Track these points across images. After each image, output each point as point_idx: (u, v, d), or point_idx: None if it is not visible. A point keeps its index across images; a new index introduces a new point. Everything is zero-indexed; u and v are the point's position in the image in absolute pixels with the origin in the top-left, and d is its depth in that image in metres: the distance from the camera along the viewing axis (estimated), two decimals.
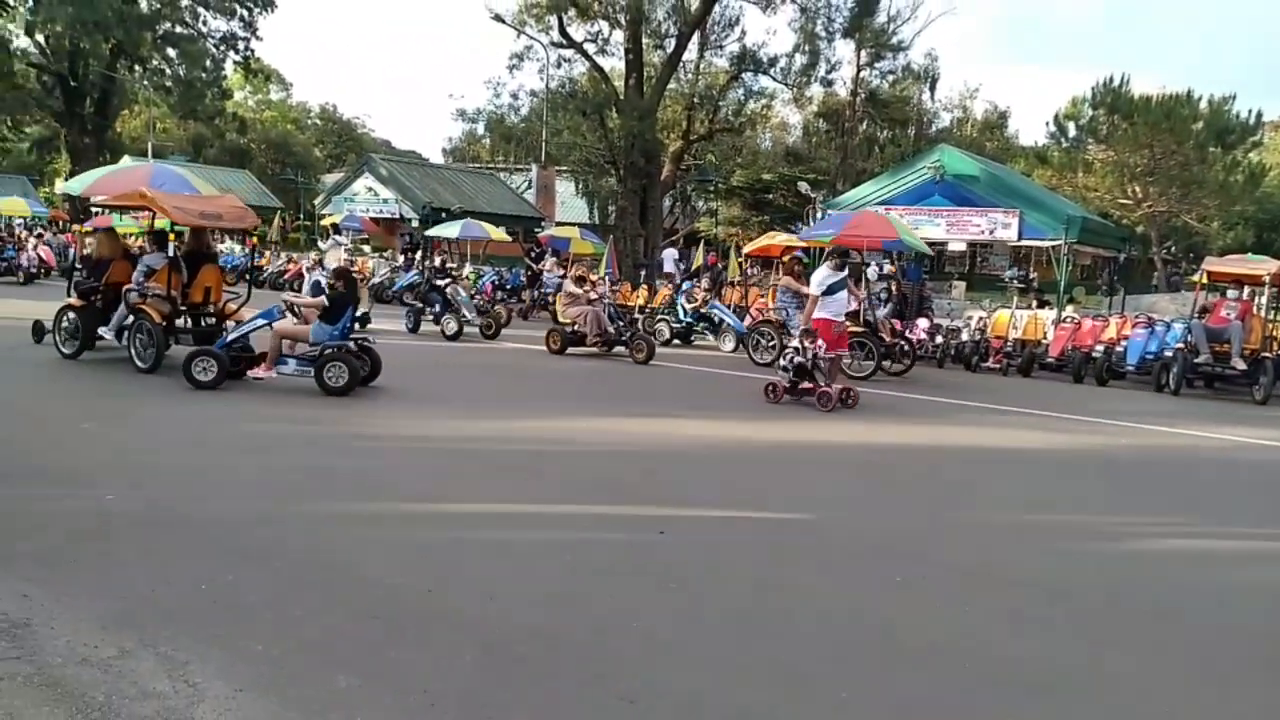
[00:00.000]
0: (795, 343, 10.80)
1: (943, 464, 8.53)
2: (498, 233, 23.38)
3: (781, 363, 10.96)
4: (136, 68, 40.96)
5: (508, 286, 24.51)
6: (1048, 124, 34.17)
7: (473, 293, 18.87)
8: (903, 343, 14.36)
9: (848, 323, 11.66)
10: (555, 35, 33.58)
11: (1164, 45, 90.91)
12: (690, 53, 34.90)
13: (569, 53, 34.37)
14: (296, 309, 10.41)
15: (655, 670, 3.81)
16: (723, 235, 43.12)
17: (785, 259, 16.09)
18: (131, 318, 10.34)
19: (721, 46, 35.67)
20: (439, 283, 16.63)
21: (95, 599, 4.12)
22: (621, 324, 15.06)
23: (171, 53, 40.25)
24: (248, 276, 14.03)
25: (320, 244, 24.65)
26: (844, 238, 13.78)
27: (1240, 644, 4.51)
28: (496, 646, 3.93)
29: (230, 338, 9.82)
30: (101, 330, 10.68)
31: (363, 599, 4.35)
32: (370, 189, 32.88)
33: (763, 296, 18.15)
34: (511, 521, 5.83)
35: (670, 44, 33.70)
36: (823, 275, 11.04)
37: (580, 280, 15.46)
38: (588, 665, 3.84)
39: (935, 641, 4.26)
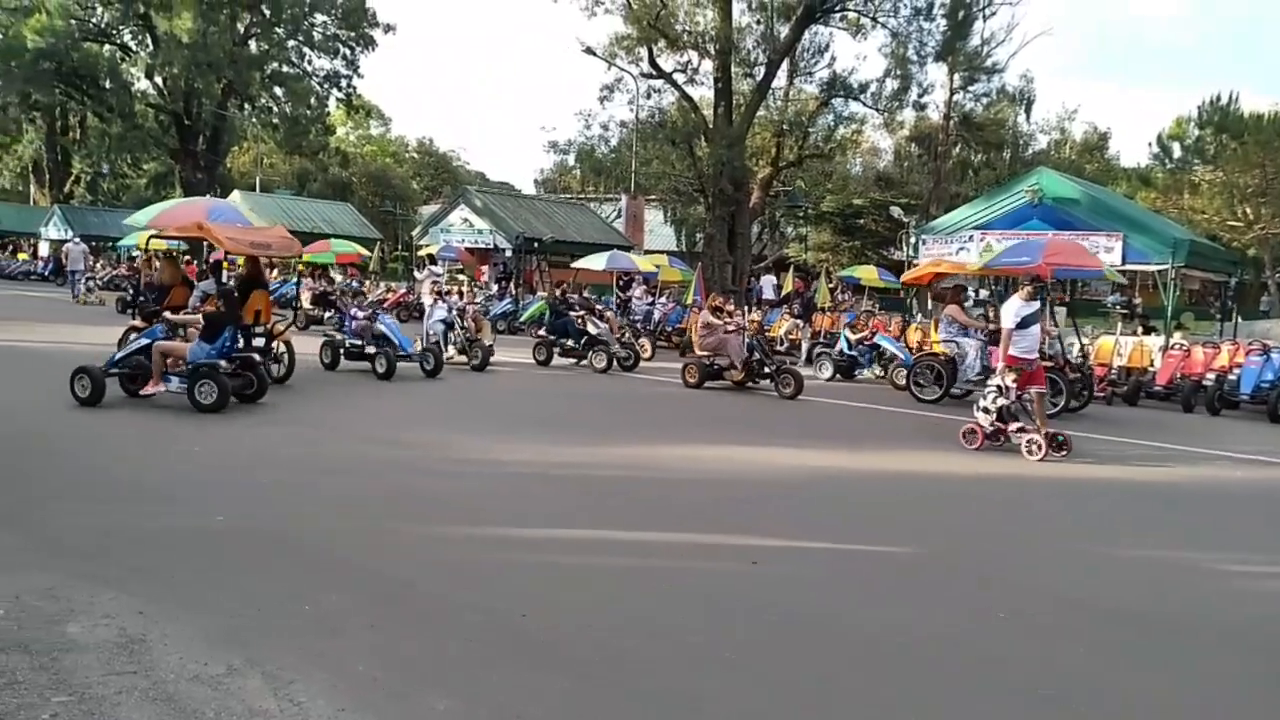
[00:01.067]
0: (997, 381, 9.84)
1: (1057, 496, 8.23)
2: (647, 263, 23.49)
3: (983, 403, 9.92)
4: (246, 106, 42.90)
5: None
6: (1150, 145, 33.22)
7: (621, 327, 18.44)
8: (1080, 377, 13.22)
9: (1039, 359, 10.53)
10: (645, 66, 33.92)
11: (1274, 62, 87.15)
12: (779, 80, 34.87)
13: (658, 83, 34.69)
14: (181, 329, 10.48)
15: (749, 704, 3.77)
16: (812, 261, 42.80)
17: (943, 287, 15.12)
18: None
19: (811, 73, 35.56)
20: (573, 315, 16.31)
21: (205, 616, 4.28)
22: (764, 355, 14.11)
23: (279, 91, 42.06)
24: (294, 305, 14.74)
25: (416, 274, 25.31)
26: (1046, 264, 12.43)
27: None
28: (591, 674, 3.95)
29: (117, 357, 10.07)
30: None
31: (459, 622, 4.43)
32: (465, 220, 33.63)
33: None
34: (614, 548, 5.84)
35: (759, 72, 33.70)
36: (1016, 306, 10.02)
37: (717, 310, 14.75)
38: (683, 695, 3.83)
39: (1043, 680, 4.12)
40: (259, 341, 11.25)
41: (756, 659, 4.21)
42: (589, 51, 33.92)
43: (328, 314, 21.20)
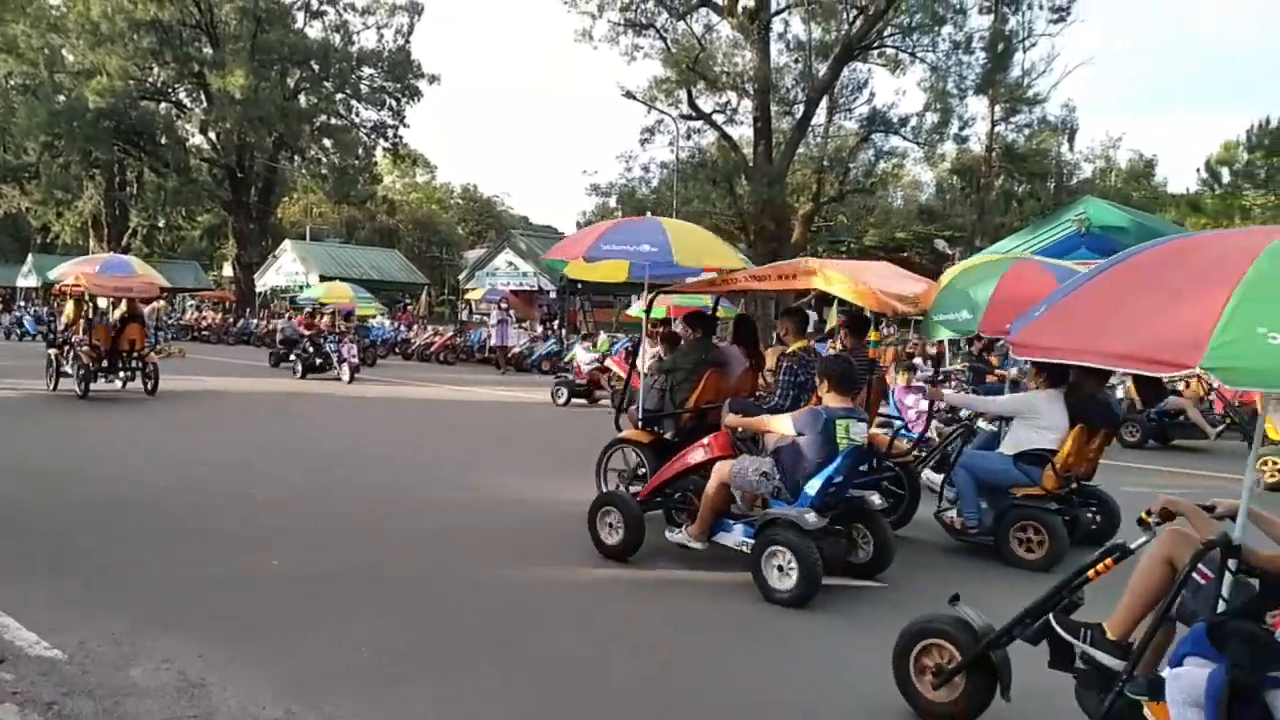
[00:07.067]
0: None
1: None
2: None
3: None
4: (296, 158, 43.95)
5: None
6: (1199, 170, 32.75)
7: None
8: None
9: None
10: (684, 108, 34.31)
11: None
12: (819, 117, 35.05)
13: (698, 123, 35.04)
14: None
15: None
16: None
17: None
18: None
19: (850, 109, 35.68)
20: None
21: (264, 660, 4.34)
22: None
23: (327, 143, 43.03)
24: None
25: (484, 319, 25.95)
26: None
27: None
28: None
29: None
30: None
31: (518, 663, 4.45)
32: (510, 263, 34.12)
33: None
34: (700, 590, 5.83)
35: (799, 110, 33.91)
36: None
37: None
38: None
39: None
40: (134, 364, 15.30)
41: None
42: (629, 95, 34.40)
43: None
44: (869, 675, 4.29)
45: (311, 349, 20.39)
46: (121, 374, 15.33)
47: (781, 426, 5.63)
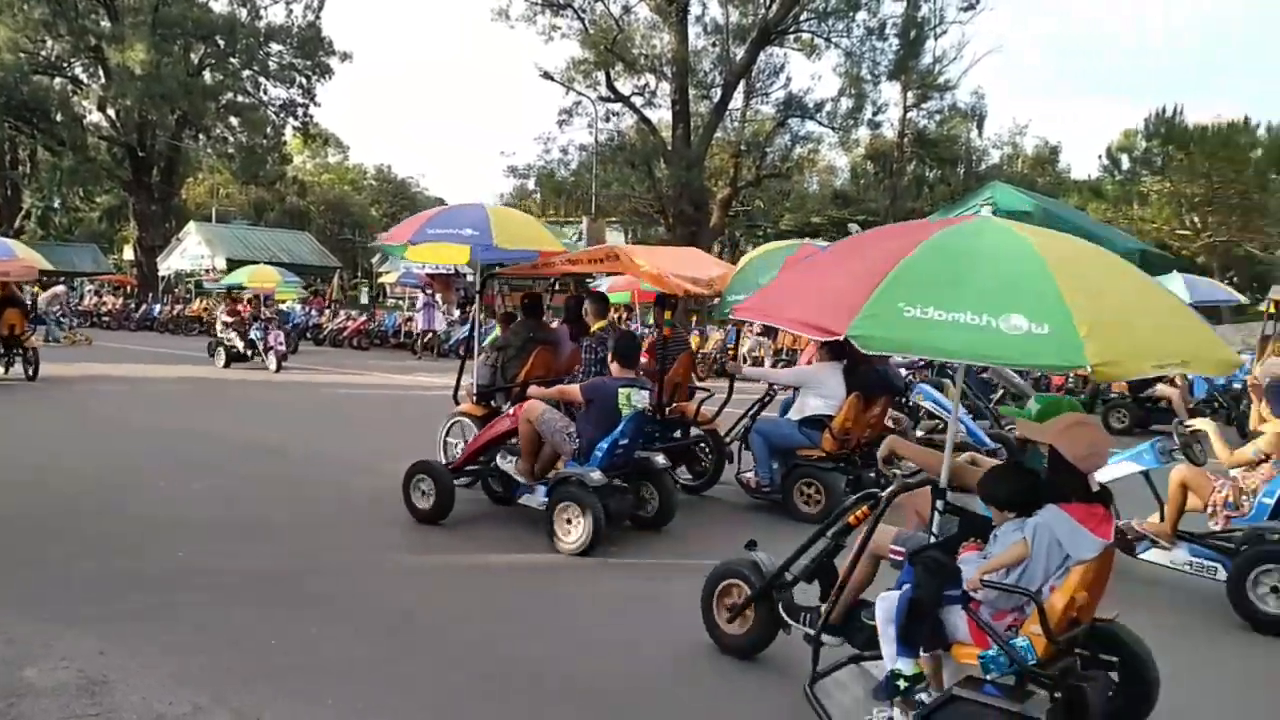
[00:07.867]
0: None
1: None
2: None
3: None
4: (201, 136, 42.38)
5: None
6: (1100, 157, 33.96)
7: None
8: None
9: None
10: (603, 90, 34.17)
11: (1216, 73, 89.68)
12: (736, 101, 35.25)
13: (617, 106, 34.94)
14: None
15: None
16: None
17: None
18: None
19: (767, 94, 36.00)
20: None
21: (170, 655, 4.21)
22: None
23: (234, 121, 41.59)
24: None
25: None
26: None
27: None
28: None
29: None
30: None
31: (428, 652, 4.40)
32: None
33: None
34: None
35: (716, 94, 34.06)
36: None
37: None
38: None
39: None
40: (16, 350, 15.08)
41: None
42: (547, 76, 34.12)
43: None
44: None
45: (236, 337, 19.48)
46: (3, 360, 15.12)
47: (573, 394, 6.31)
